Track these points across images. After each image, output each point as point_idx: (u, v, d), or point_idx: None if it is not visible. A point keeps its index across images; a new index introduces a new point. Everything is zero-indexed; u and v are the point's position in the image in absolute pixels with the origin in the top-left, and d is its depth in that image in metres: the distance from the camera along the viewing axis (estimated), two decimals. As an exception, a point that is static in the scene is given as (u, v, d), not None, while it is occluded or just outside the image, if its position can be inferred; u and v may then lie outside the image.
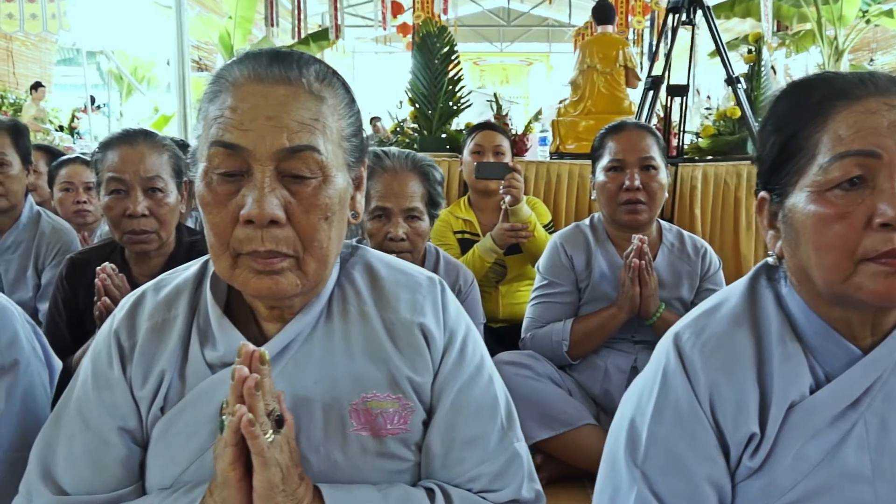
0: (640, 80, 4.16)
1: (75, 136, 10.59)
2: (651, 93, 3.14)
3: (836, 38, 8.30)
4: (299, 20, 9.86)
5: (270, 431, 0.90)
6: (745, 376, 0.94)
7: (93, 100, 11.66)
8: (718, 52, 3.01)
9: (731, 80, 3.01)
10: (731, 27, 10.19)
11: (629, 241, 2.16)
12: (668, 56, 3.13)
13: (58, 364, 1.29)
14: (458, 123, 4.34)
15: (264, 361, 0.91)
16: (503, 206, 2.86)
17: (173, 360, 1.04)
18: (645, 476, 0.96)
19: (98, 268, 1.87)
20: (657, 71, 3.17)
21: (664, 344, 1.02)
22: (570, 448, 2.07)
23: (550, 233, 3.03)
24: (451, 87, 4.01)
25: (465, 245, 3.07)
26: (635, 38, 10.30)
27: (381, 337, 1.06)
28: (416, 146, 4.11)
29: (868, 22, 8.33)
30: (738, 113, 3.48)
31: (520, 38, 19.53)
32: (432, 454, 1.06)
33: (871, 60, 10.15)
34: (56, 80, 12.98)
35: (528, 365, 2.16)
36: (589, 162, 3.64)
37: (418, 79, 4.02)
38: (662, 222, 2.33)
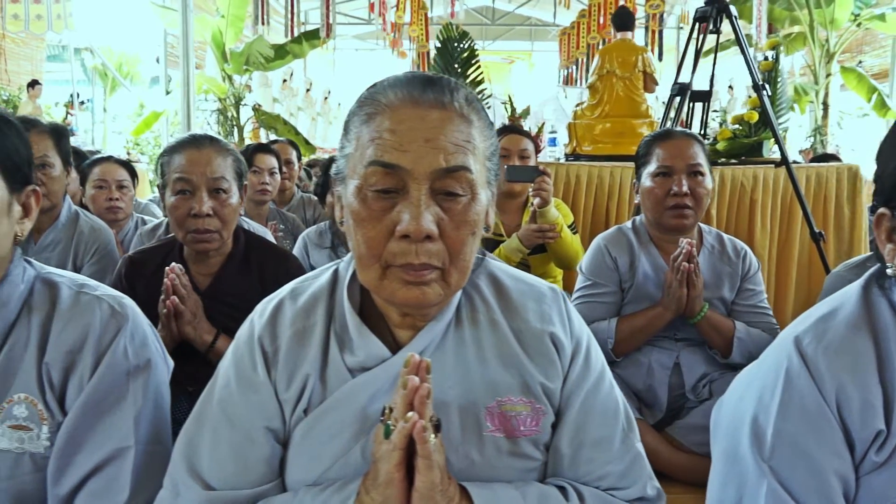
0: (657, 84, 4.25)
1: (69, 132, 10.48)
2: (678, 99, 3.21)
3: (827, 40, 8.45)
4: (292, 19, 9.84)
5: (433, 436, 0.95)
6: (868, 377, 1.01)
7: (77, 95, 11.54)
8: (744, 58, 3.09)
9: (757, 87, 3.10)
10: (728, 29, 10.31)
11: (671, 244, 2.23)
12: (695, 63, 3.21)
13: (171, 363, 1.33)
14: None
15: (429, 371, 0.97)
16: (532, 208, 2.92)
17: (315, 365, 1.10)
18: (773, 470, 1.02)
19: (167, 268, 1.92)
20: (683, 78, 3.24)
21: (782, 347, 1.08)
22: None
23: (574, 233, 3.10)
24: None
25: (489, 245, 3.12)
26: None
27: (511, 344, 1.12)
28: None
29: (859, 25, 8.48)
30: (756, 117, 3.56)
31: (502, 37, 19.58)
32: (560, 454, 1.12)
33: (860, 63, 10.33)
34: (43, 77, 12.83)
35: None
36: (607, 164, 3.77)
37: (438, 82, 4.04)
38: (702, 225, 2.39)
